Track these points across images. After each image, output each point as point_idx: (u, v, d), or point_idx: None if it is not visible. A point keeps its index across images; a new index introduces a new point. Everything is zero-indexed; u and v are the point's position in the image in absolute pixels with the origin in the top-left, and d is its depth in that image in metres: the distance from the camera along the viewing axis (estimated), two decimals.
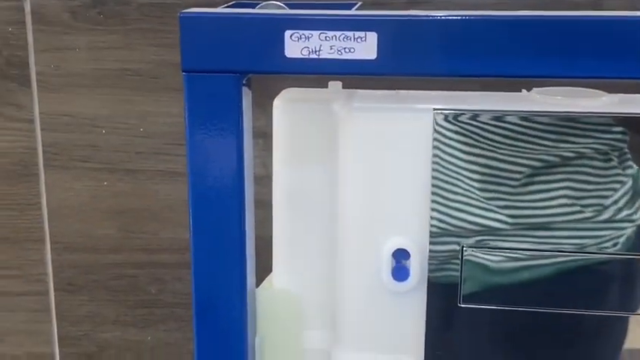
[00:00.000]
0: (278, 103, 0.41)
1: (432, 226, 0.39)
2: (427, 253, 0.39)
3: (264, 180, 0.43)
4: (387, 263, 0.39)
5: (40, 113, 0.50)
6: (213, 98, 0.40)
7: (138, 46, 0.47)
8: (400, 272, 0.39)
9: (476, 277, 0.39)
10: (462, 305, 0.38)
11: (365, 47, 0.35)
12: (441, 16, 0.35)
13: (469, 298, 0.38)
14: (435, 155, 0.38)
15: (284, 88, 0.42)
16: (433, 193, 0.38)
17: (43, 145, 0.50)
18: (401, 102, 0.40)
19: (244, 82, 0.39)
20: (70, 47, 0.48)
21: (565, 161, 0.38)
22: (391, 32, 0.35)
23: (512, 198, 0.38)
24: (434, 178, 0.38)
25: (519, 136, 0.38)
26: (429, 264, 0.39)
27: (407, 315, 0.40)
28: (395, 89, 0.41)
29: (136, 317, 0.53)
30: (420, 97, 0.40)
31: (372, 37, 0.35)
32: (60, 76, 0.49)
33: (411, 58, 0.36)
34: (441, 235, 0.39)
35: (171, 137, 0.49)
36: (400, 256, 0.39)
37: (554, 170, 0.38)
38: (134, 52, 0.47)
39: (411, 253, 0.39)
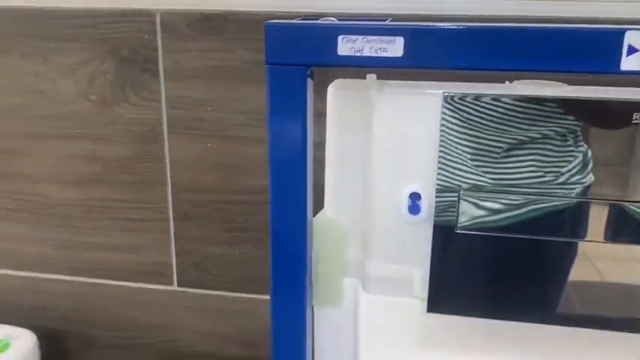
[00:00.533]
0: (331, 90, 0.43)
1: (437, 184, 0.41)
2: (434, 196, 0.41)
3: (320, 145, 0.45)
4: (405, 202, 0.42)
5: (165, 96, 0.51)
6: (287, 85, 0.42)
7: (234, 49, 0.48)
8: (414, 209, 0.42)
9: (467, 214, 0.41)
10: (457, 232, 0.41)
11: (394, 47, 0.37)
12: (447, 26, 0.38)
13: (462, 226, 0.41)
14: (441, 128, 0.40)
15: (335, 79, 0.44)
16: (439, 160, 0.41)
17: (167, 118, 0.52)
18: (417, 88, 0.42)
19: (308, 73, 0.42)
20: (186, 49, 0.49)
21: (533, 140, 0.40)
22: (413, 37, 0.38)
23: (493, 166, 0.40)
24: (440, 145, 0.40)
25: (500, 122, 0.40)
26: (435, 210, 0.42)
27: (418, 238, 0.43)
28: (416, 80, 0.42)
29: (229, 238, 0.54)
30: (432, 85, 0.41)
31: (399, 41, 0.38)
32: (179, 70, 0.50)
33: (427, 56, 0.39)
34: (443, 191, 0.41)
35: (255, 113, 0.50)
36: (415, 197, 0.42)
37: (525, 147, 0.40)
38: (231, 54, 0.49)
39: (422, 195, 0.42)
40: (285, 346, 0.51)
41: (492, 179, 0.41)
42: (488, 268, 0.44)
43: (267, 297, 0.52)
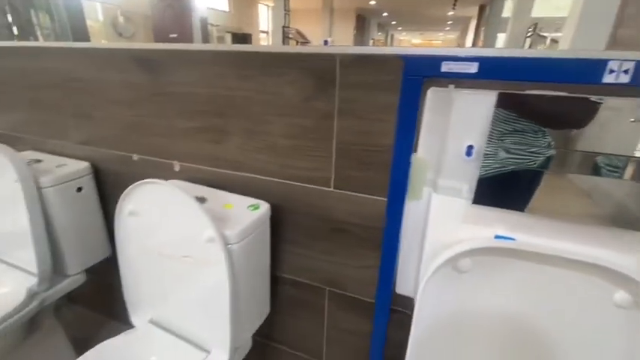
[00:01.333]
0: (429, 93, 0.46)
1: (486, 143, 0.42)
2: (484, 148, 0.43)
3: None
4: (464, 149, 0.45)
5: (338, 96, 0.53)
6: (412, 87, 0.46)
7: (372, 73, 0.49)
8: (469, 154, 0.45)
9: (496, 159, 0.42)
10: (490, 168, 0.43)
11: (473, 68, 0.40)
12: (501, 57, 0.39)
13: (492, 167, 0.42)
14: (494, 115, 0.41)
15: (431, 88, 0.46)
16: (489, 131, 0.42)
17: (337, 107, 0.53)
18: (480, 90, 0.43)
19: (422, 84, 0.45)
20: (349, 73, 0.51)
21: (518, 131, 0.41)
22: (483, 62, 0.40)
23: (497, 142, 0.42)
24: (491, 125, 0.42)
25: (502, 120, 0.41)
26: (480, 167, 0.44)
27: (469, 169, 0.45)
28: (477, 88, 0.42)
29: (361, 168, 0.55)
30: (484, 91, 0.42)
31: (475, 64, 0.40)
32: (345, 83, 0.51)
33: (491, 72, 0.40)
34: (488, 147, 0.42)
35: (381, 106, 0.51)
36: (470, 147, 0.44)
37: (514, 134, 0.41)
38: (370, 76, 0.49)
39: (475, 146, 0.44)
40: (392, 220, 0.53)
41: (493, 151, 0.41)
42: (502, 184, 0.44)
43: (379, 197, 0.56)
